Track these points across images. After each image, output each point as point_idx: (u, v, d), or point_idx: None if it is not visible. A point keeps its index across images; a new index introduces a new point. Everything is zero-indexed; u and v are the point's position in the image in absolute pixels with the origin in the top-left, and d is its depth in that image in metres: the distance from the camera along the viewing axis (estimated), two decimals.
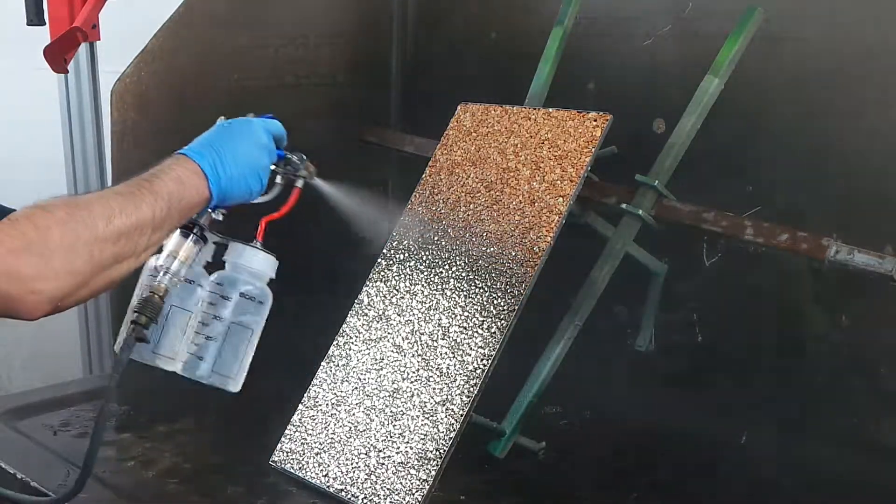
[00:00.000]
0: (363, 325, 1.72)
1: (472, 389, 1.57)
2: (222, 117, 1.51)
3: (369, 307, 1.74)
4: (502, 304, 1.62)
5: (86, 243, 1.20)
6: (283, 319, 1.55)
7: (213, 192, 1.37)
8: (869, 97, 1.69)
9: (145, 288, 1.41)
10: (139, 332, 1.39)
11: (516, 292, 1.62)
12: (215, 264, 1.52)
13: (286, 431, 1.68)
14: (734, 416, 1.81)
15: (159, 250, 1.42)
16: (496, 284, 1.64)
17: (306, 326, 1.94)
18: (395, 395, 1.62)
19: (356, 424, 1.63)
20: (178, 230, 1.43)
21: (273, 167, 1.50)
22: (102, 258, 1.22)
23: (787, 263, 1.71)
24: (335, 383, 1.69)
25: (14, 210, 1.20)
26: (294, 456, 1.65)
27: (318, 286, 2.11)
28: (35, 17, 2.05)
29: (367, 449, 1.59)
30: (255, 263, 1.49)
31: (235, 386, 1.50)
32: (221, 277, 1.50)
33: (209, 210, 1.43)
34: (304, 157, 1.54)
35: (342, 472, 1.59)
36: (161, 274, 1.41)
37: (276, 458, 1.66)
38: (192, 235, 1.43)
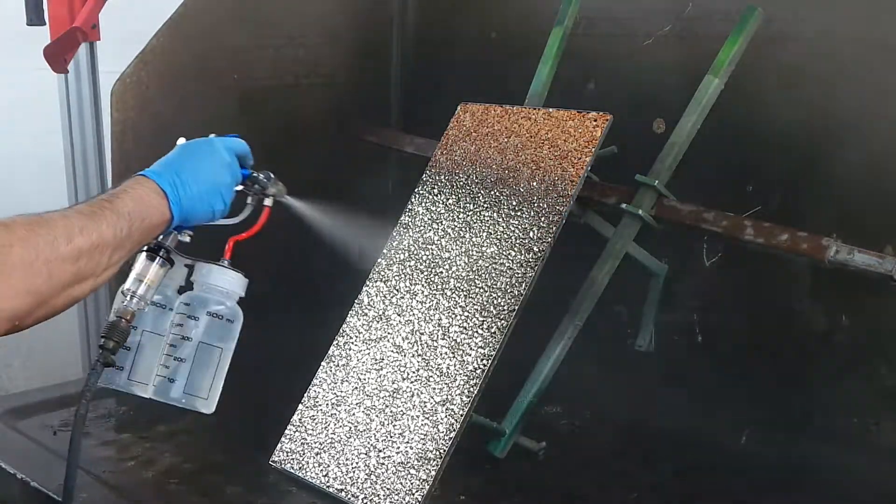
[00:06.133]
0: (363, 325, 1.72)
1: (472, 389, 1.57)
2: (182, 138, 1.47)
3: (369, 307, 1.74)
4: (502, 304, 1.62)
5: (46, 261, 1.17)
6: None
7: (174, 211, 1.34)
8: (868, 97, 1.69)
9: (113, 313, 1.40)
10: (107, 357, 1.37)
11: (516, 292, 1.62)
12: (189, 288, 1.49)
13: (286, 431, 1.68)
14: (734, 416, 1.81)
15: (126, 274, 1.40)
16: (496, 284, 1.64)
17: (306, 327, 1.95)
18: (395, 395, 1.62)
19: (356, 424, 1.63)
20: (145, 254, 1.40)
21: (240, 187, 1.47)
22: (62, 277, 1.19)
23: (787, 263, 1.71)
24: (335, 383, 1.69)
25: None
26: (294, 456, 1.65)
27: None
28: (35, 17, 2.05)
29: (367, 449, 1.59)
30: (222, 282, 1.45)
31: (208, 407, 1.45)
32: (190, 297, 1.46)
33: (174, 231, 1.40)
34: (272, 176, 1.50)
35: (342, 472, 1.59)
36: (128, 298, 1.39)
37: (276, 458, 1.66)
38: (157, 259, 1.40)
